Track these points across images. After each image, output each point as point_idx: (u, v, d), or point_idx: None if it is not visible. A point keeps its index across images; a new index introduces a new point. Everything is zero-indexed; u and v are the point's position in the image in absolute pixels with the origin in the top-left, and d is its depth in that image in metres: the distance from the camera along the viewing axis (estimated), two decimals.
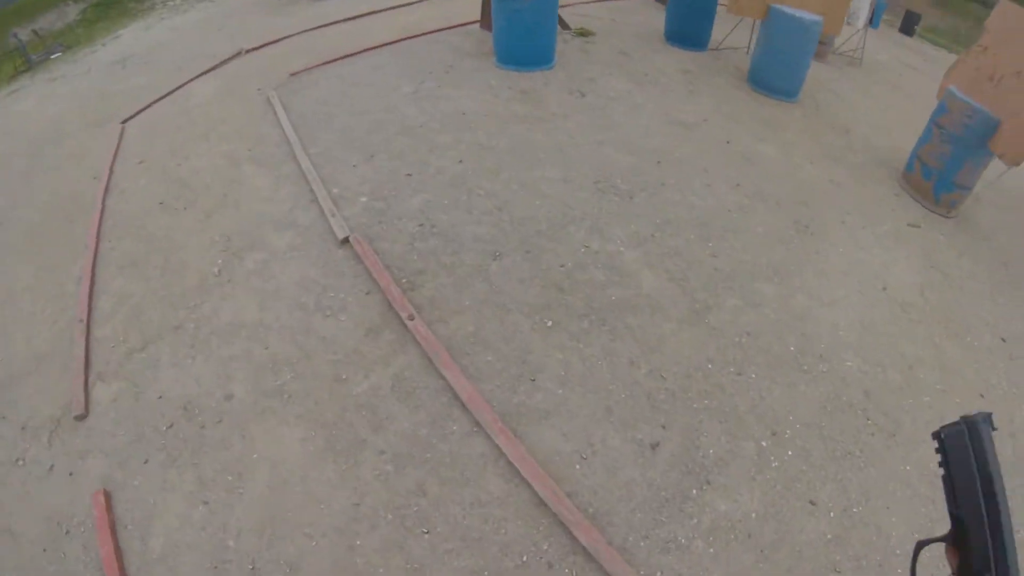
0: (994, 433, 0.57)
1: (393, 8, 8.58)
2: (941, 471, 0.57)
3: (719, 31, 6.83)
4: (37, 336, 3.29)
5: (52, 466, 2.63)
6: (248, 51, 7.15)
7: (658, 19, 7.35)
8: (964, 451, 0.55)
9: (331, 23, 7.94)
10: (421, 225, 3.53)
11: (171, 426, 2.68)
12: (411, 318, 2.97)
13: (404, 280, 3.21)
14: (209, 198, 4.12)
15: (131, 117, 5.71)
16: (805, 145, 5.30)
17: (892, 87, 7.57)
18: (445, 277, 3.23)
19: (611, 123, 4.83)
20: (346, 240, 3.48)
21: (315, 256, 3.44)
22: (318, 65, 6.00)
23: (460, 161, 4.09)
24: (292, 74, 5.86)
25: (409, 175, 3.98)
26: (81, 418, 2.83)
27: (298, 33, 7.56)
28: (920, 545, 0.59)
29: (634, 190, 4.04)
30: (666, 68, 6.24)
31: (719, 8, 6.71)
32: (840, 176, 4.94)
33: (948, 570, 0.60)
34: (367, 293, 3.17)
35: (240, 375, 2.85)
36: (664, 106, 5.32)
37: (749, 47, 7.16)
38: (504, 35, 5.60)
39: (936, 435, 0.58)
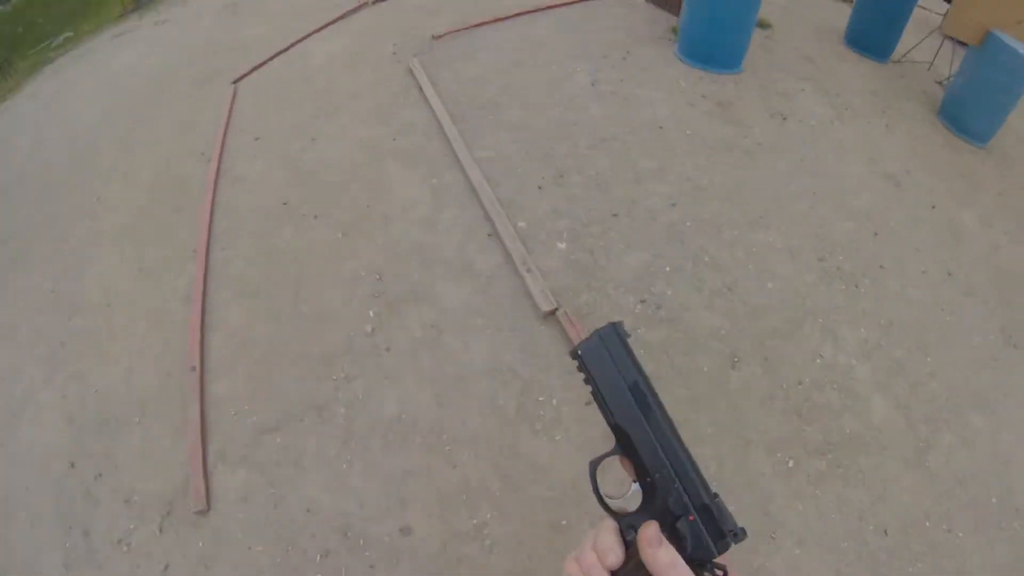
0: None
1: None
2: (589, 388, 0.56)
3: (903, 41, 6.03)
4: (139, 371, 2.82)
5: (167, 567, 2.25)
6: (376, 0, 6.16)
7: (834, 14, 6.46)
8: (604, 361, 0.55)
9: None
10: (644, 301, 3.06)
11: (327, 555, 2.21)
12: None
13: None
14: (347, 206, 3.48)
15: (243, 76, 5.01)
16: (1003, 214, 4.81)
17: None
18: (680, 386, 2.81)
19: (820, 167, 4.25)
20: (552, 313, 2.91)
21: (508, 329, 2.84)
22: (465, 28, 5.22)
23: (673, 204, 3.53)
24: (435, 37, 5.10)
25: (616, 215, 3.44)
26: (203, 513, 2.36)
27: None
28: (594, 464, 0.57)
29: (857, 273, 3.61)
30: (854, 85, 5.50)
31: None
32: None
33: None
34: (587, 403, 2.59)
35: (419, 501, 2.33)
36: (866, 146, 4.71)
37: (931, 65, 6.38)
38: (698, 25, 4.79)
39: (573, 353, 0.58)
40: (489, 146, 3.84)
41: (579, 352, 0.58)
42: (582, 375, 0.57)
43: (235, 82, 5.00)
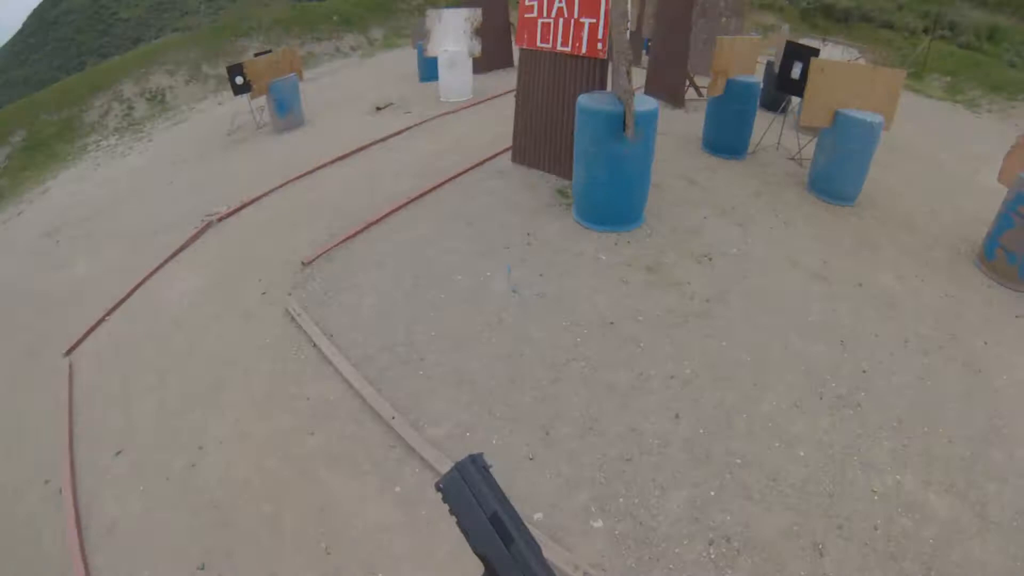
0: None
1: (383, 140, 7.78)
2: (454, 519, 0.59)
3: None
4: None
5: None
6: (220, 217, 5.94)
7: (679, 123, 7.25)
8: (464, 494, 0.60)
9: (317, 167, 6.97)
10: (712, 542, 2.78)
11: None
12: None
13: None
14: (293, 557, 2.70)
15: (77, 344, 4.36)
16: (907, 262, 5.34)
17: (892, 150, 7.90)
18: None
19: (766, 299, 4.43)
20: None
21: None
22: (335, 245, 4.94)
23: (676, 415, 3.41)
24: (306, 263, 4.71)
25: (628, 459, 3.11)
26: None
27: (278, 187, 6.51)
28: None
29: (853, 391, 3.67)
30: (738, 191, 6.05)
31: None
32: (954, 290, 5.00)
33: None
34: None
35: None
36: (784, 253, 5.07)
37: (778, 145, 7.30)
38: (600, 187, 4.92)
39: (436, 486, 0.61)
40: (439, 417, 3.32)
41: (441, 486, 0.61)
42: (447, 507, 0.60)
43: (67, 353, 4.22)
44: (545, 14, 5.73)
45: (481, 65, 10.08)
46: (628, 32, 4.63)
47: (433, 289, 4.35)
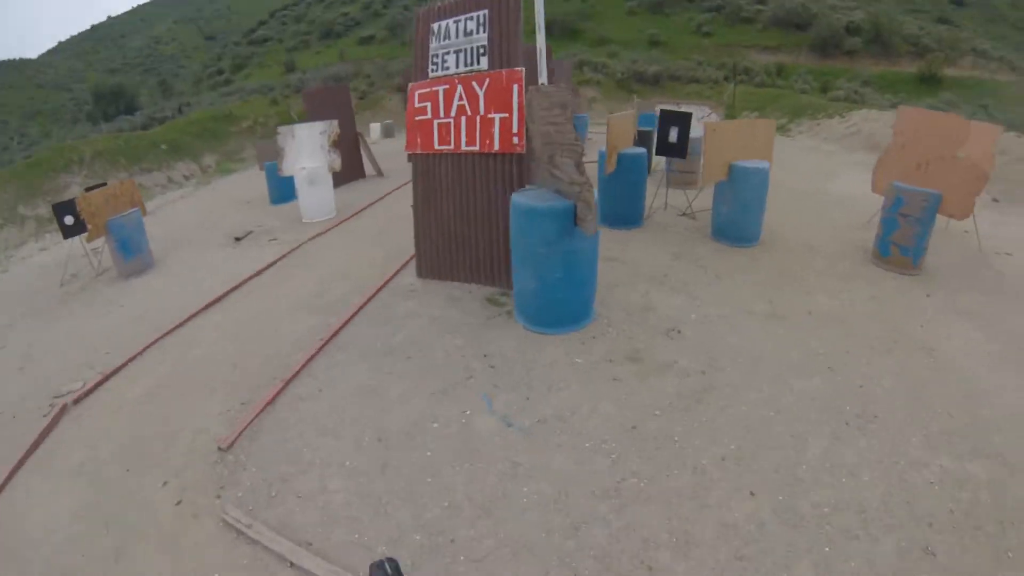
0: None
1: (257, 275, 7.23)
2: None
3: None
4: None
5: None
6: (77, 398, 4.67)
7: None
8: None
9: (191, 316, 6.07)
10: None
11: None
12: None
13: None
14: None
15: None
16: (828, 281, 5.98)
17: None
18: None
19: (750, 353, 4.59)
20: None
21: None
22: (258, 413, 4.15)
23: (752, 494, 3.13)
24: (224, 446, 3.81)
25: (741, 558, 2.81)
26: None
27: (147, 347, 5.48)
28: None
29: (867, 408, 3.90)
30: (658, 258, 6.49)
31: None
32: (874, 292, 5.67)
33: None
34: None
35: None
36: (737, 306, 5.40)
37: (666, 205, 8.05)
38: (551, 288, 4.78)
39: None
40: None
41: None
42: None
43: None
44: (442, 114, 5.61)
45: (334, 179, 10.01)
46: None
47: (409, 449, 3.73)
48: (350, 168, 12.06)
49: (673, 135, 7.71)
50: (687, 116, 7.77)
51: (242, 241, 8.83)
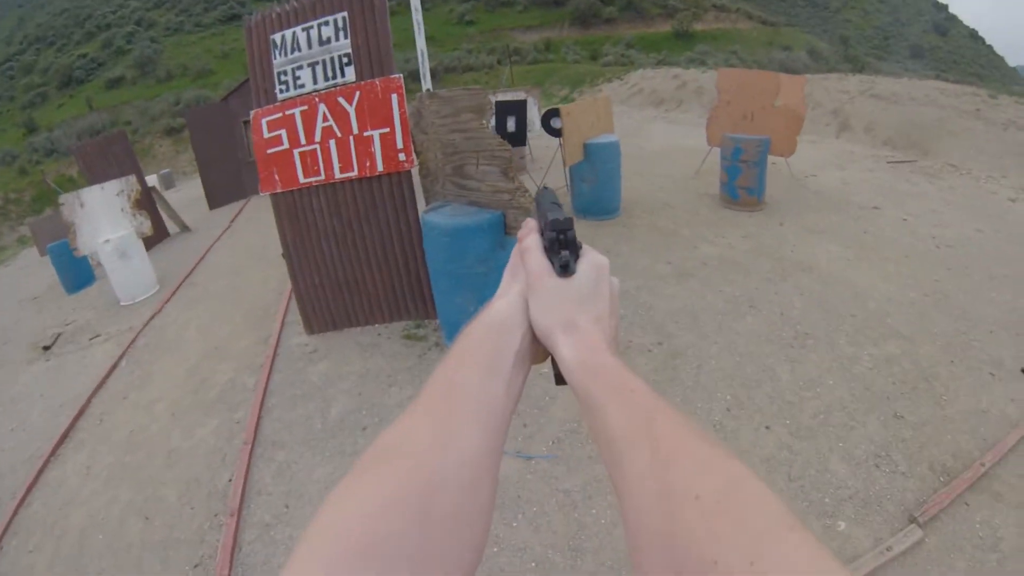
0: None
1: (101, 385, 5.98)
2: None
3: None
4: None
5: None
6: None
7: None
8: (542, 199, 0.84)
9: (37, 473, 4.75)
10: None
11: None
12: None
13: None
14: None
15: None
16: (703, 232, 7.17)
17: None
18: None
19: (703, 317, 5.49)
20: None
21: None
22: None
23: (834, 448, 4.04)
24: None
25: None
26: None
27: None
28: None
29: (805, 338, 5.00)
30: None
31: None
32: (741, 233, 7.00)
33: None
34: None
35: None
36: (654, 276, 6.25)
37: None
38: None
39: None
40: None
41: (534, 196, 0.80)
42: None
43: None
44: (304, 141, 5.22)
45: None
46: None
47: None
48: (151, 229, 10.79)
49: (511, 124, 8.32)
50: (523, 104, 8.45)
51: (53, 349, 7.46)
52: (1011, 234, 6.77)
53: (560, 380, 0.63)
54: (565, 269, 0.64)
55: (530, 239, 0.70)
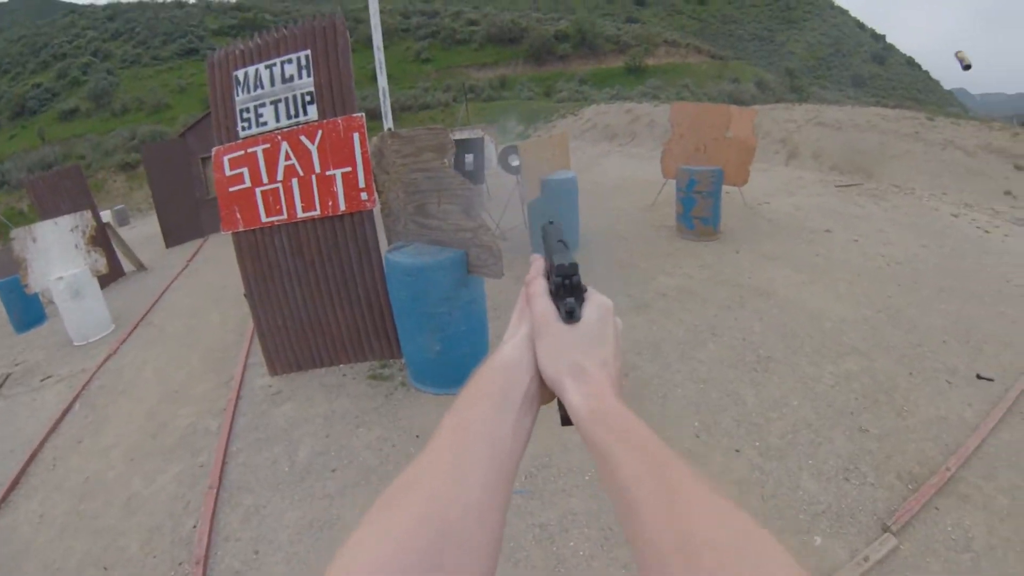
0: None
1: (53, 429, 5.71)
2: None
3: None
4: None
5: None
6: None
7: None
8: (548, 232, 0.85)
9: None
10: None
11: None
12: None
13: None
14: None
15: None
16: (662, 263, 7.46)
17: None
18: None
19: (697, 314, 5.68)
20: None
21: None
22: None
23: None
24: None
25: None
26: None
27: None
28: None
29: (767, 362, 5.23)
30: (498, 284, 7.23)
31: None
32: (699, 263, 7.33)
33: None
34: None
35: None
36: (617, 312, 6.45)
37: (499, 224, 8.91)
38: (459, 342, 4.97)
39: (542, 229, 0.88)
40: None
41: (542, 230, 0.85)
42: None
43: None
44: (266, 180, 5.27)
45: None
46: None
47: None
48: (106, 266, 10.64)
49: (468, 162, 8.58)
50: (480, 141, 8.75)
51: (1, 391, 7.16)
52: (954, 248, 7.30)
53: (566, 421, 0.67)
54: (571, 315, 0.68)
55: (536, 284, 0.73)
